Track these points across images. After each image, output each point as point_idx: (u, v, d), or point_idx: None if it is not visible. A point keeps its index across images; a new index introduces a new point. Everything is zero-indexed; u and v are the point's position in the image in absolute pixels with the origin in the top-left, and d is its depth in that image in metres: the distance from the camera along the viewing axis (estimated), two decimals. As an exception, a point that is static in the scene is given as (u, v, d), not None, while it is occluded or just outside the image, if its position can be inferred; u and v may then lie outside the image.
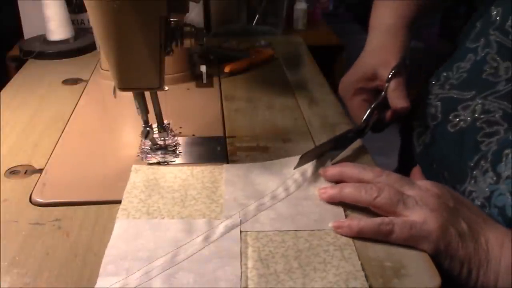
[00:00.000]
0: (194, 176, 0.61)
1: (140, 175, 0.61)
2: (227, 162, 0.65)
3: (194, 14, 1.15)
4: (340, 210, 0.55)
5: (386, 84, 0.68)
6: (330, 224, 0.52)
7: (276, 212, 0.55)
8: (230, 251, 0.49)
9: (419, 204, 0.51)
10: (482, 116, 0.61)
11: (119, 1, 0.50)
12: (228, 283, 0.45)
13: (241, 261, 0.48)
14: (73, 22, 1.12)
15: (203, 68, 0.88)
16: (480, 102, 0.61)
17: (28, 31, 1.13)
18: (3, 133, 0.72)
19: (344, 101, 0.75)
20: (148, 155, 0.65)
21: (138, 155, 0.66)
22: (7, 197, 0.57)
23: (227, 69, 0.94)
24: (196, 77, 0.90)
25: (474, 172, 0.58)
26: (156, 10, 0.52)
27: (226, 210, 0.55)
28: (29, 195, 0.57)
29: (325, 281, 0.46)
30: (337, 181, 0.58)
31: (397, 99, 0.67)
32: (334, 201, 0.55)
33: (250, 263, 0.48)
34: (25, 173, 0.62)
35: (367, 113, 0.68)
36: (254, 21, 1.27)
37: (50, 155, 0.66)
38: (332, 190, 0.55)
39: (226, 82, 0.92)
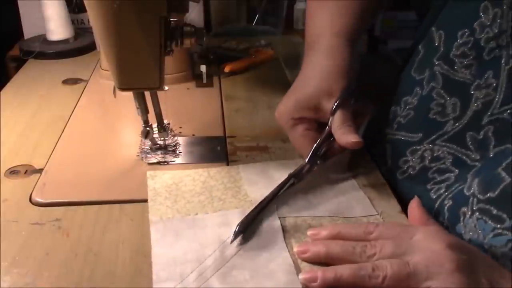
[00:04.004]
0: (212, 178, 0.60)
1: (157, 181, 0.60)
2: (227, 162, 0.65)
3: (194, 14, 1.15)
4: (365, 197, 0.58)
5: (330, 118, 0.60)
6: (301, 276, 0.45)
7: (307, 200, 0.57)
8: (275, 243, 0.50)
9: (431, 271, 0.43)
10: (432, 165, 0.57)
11: (119, 1, 0.50)
12: (284, 273, 0.46)
13: (288, 251, 0.49)
14: (73, 22, 1.12)
15: (203, 68, 0.88)
16: (428, 147, 0.58)
17: (28, 31, 1.13)
18: (3, 133, 0.72)
19: (284, 130, 0.64)
20: (148, 155, 0.65)
21: (138, 155, 0.66)
22: (7, 197, 0.57)
23: (227, 69, 0.94)
24: (196, 77, 0.90)
25: None
26: (156, 10, 0.52)
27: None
28: (29, 195, 0.57)
29: None
30: None
31: (345, 135, 0.58)
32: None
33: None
34: (25, 173, 0.62)
35: (311, 152, 0.60)
36: (254, 21, 1.27)
37: (50, 155, 0.66)
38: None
39: (226, 82, 0.92)
